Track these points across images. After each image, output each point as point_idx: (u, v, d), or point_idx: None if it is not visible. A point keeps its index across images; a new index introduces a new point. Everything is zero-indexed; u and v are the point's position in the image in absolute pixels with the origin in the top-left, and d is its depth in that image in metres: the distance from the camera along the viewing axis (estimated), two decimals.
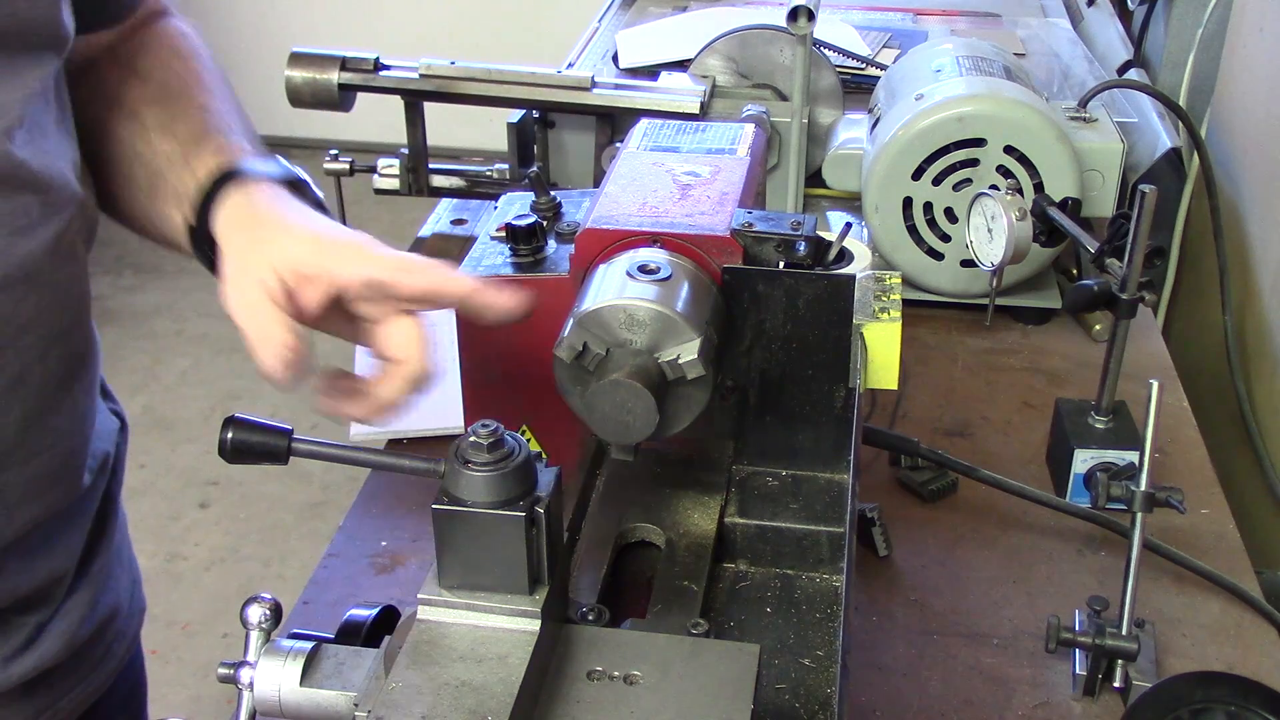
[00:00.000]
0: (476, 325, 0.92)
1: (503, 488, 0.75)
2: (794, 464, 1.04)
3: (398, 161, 1.77)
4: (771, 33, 1.86)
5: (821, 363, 1.00)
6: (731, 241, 0.99)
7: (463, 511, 0.76)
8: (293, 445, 0.81)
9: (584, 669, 0.79)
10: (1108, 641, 1.10)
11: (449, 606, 0.78)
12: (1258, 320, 1.82)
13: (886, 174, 1.60)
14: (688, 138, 1.19)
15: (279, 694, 0.80)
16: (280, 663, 0.81)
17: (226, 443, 0.81)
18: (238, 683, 0.81)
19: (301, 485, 3.15)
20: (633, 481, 1.05)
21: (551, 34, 3.61)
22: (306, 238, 0.91)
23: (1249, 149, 1.96)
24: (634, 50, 2.13)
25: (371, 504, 1.36)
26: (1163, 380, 1.11)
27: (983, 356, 1.64)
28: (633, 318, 0.90)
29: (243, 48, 4.84)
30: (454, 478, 0.76)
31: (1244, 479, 1.76)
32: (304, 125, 4.60)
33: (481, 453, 0.76)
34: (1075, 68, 2.12)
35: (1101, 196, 1.63)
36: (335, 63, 1.68)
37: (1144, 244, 1.24)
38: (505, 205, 1.22)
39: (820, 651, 0.90)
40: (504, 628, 0.77)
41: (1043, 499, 1.32)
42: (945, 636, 1.19)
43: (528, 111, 1.77)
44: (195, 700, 2.56)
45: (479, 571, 0.77)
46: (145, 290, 4.02)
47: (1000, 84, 1.60)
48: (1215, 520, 1.35)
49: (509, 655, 0.75)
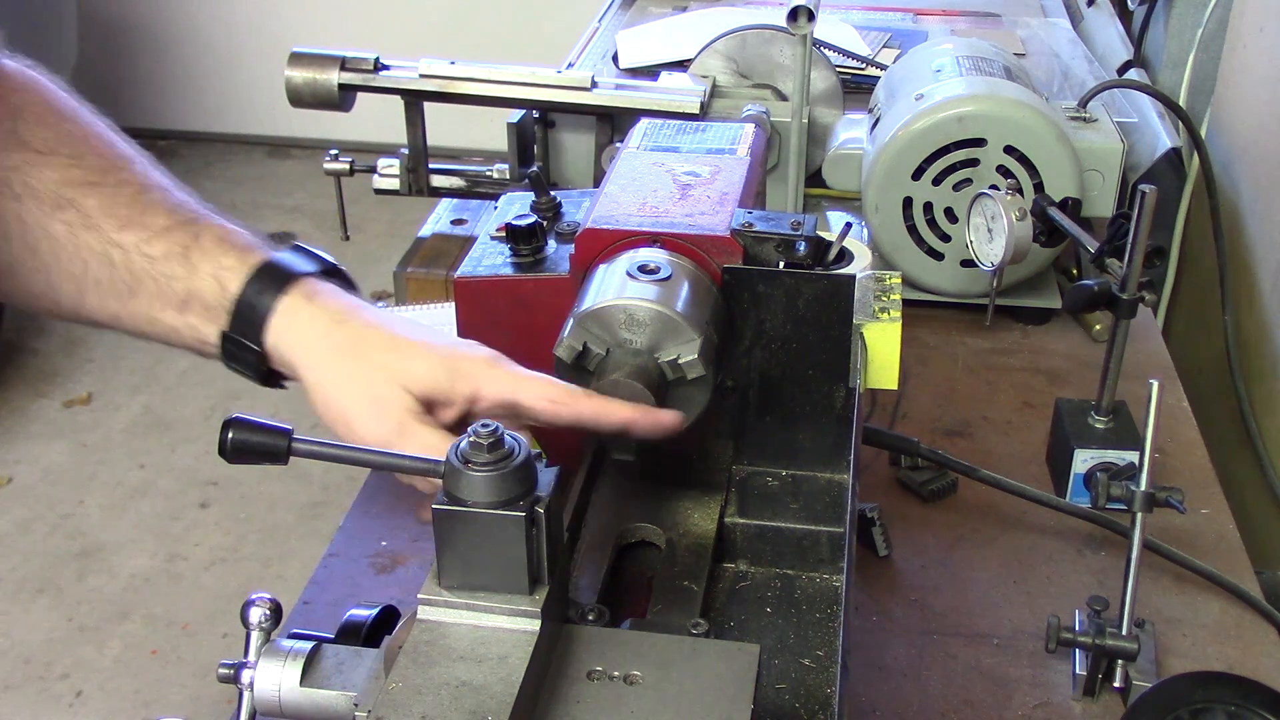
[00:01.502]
0: (476, 325, 0.92)
1: (503, 488, 0.75)
2: (794, 464, 1.04)
3: (398, 161, 1.77)
4: (771, 33, 1.86)
5: (821, 363, 1.00)
6: (731, 241, 0.99)
7: (463, 511, 0.76)
8: (293, 445, 0.81)
9: (584, 669, 0.79)
10: (1108, 641, 1.10)
11: (449, 606, 0.78)
12: (1258, 320, 1.82)
13: (886, 174, 1.60)
14: (688, 138, 1.19)
15: (279, 694, 0.80)
16: (280, 663, 0.81)
17: (226, 443, 0.81)
18: (238, 683, 0.81)
19: (301, 485, 3.15)
20: (633, 481, 1.05)
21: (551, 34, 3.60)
22: (434, 358, 0.89)
23: (1249, 149, 1.96)
24: (634, 50, 2.13)
25: (371, 504, 1.36)
26: (1163, 380, 1.11)
27: (983, 356, 1.64)
28: (633, 318, 0.90)
29: (243, 48, 4.84)
30: (454, 478, 0.76)
31: (1244, 479, 1.76)
32: (304, 125, 4.61)
33: (481, 453, 0.75)
34: (1075, 68, 2.12)
35: (1101, 196, 1.63)
36: (335, 63, 1.68)
37: (1144, 244, 1.24)
38: (505, 205, 1.22)
39: (820, 651, 0.90)
40: (504, 628, 0.77)
41: (1043, 499, 1.32)
42: (945, 636, 1.19)
43: (528, 111, 1.77)
44: (195, 700, 2.56)
45: (479, 571, 0.77)
46: None
47: (1000, 84, 1.60)
48: (1215, 520, 1.35)
49: (509, 655, 0.75)
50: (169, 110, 5.01)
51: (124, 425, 3.42)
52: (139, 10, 4.88)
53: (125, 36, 4.91)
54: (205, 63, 4.93)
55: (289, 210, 4.47)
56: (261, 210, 4.49)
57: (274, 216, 4.45)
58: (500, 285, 1.08)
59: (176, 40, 4.92)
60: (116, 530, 3.05)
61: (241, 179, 4.74)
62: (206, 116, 4.99)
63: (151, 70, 4.98)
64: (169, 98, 5.00)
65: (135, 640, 2.74)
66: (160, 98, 5.00)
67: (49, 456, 3.30)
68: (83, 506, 3.13)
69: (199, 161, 4.87)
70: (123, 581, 2.90)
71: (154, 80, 4.99)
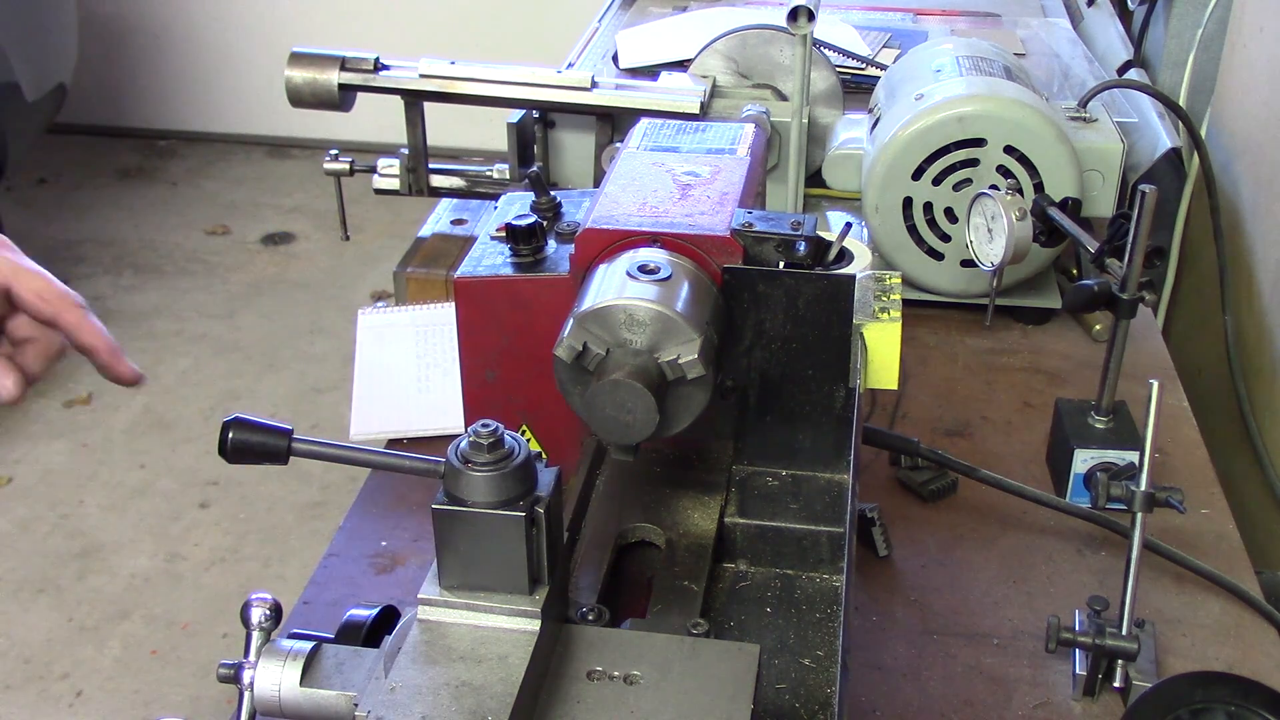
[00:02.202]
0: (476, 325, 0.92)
1: (503, 488, 0.75)
2: (794, 464, 1.04)
3: (398, 161, 1.77)
4: (771, 33, 1.86)
5: (821, 363, 1.00)
6: (731, 241, 0.99)
7: (463, 512, 0.76)
8: (293, 445, 0.81)
9: (584, 669, 0.79)
10: (1108, 641, 1.10)
11: (449, 606, 0.78)
12: (1258, 320, 1.82)
13: (887, 174, 1.60)
14: (688, 138, 1.19)
15: (279, 694, 0.80)
16: (280, 663, 0.81)
17: (227, 443, 0.81)
18: (238, 683, 0.81)
19: (301, 485, 3.15)
20: (633, 481, 1.05)
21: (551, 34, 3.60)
22: None
23: (1249, 149, 1.96)
24: (634, 50, 2.13)
25: (371, 504, 1.36)
26: (1163, 380, 1.11)
27: (983, 356, 1.64)
28: (633, 318, 0.90)
29: (243, 48, 4.84)
30: (454, 478, 0.76)
31: (1244, 479, 1.76)
32: (304, 125, 4.61)
33: (481, 453, 0.76)
34: (1075, 68, 2.12)
35: (1101, 196, 1.63)
36: (335, 63, 1.68)
37: (1144, 244, 1.24)
38: (505, 205, 1.22)
39: (820, 652, 0.90)
40: (504, 628, 0.77)
41: (1043, 499, 1.32)
42: (945, 636, 1.19)
43: (528, 111, 1.77)
44: (195, 700, 2.56)
45: (479, 571, 0.77)
46: (145, 290, 4.02)
47: (1000, 84, 1.60)
48: (1215, 520, 1.35)
49: (509, 655, 0.76)
50: (169, 110, 5.01)
51: (124, 425, 3.42)
52: (139, 10, 4.88)
53: (126, 37, 4.91)
54: (206, 63, 4.94)
55: (289, 210, 4.47)
56: (262, 210, 4.49)
57: (274, 216, 4.45)
58: (500, 285, 1.08)
59: (177, 40, 4.92)
60: (116, 530, 3.05)
61: (242, 179, 4.74)
62: (207, 116, 4.99)
63: (152, 70, 4.98)
64: (169, 98, 5.01)
65: (135, 640, 2.74)
66: (161, 98, 5.00)
67: (49, 456, 3.30)
68: (83, 506, 3.13)
69: (199, 161, 4.87)
70: (123, 581, 2.90)
71: (154, 80, 4.99)
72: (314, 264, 4.19)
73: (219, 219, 4.44)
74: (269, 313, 3.92)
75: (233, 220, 4.44)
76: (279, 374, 3.58)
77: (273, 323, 3.87)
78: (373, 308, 1.55)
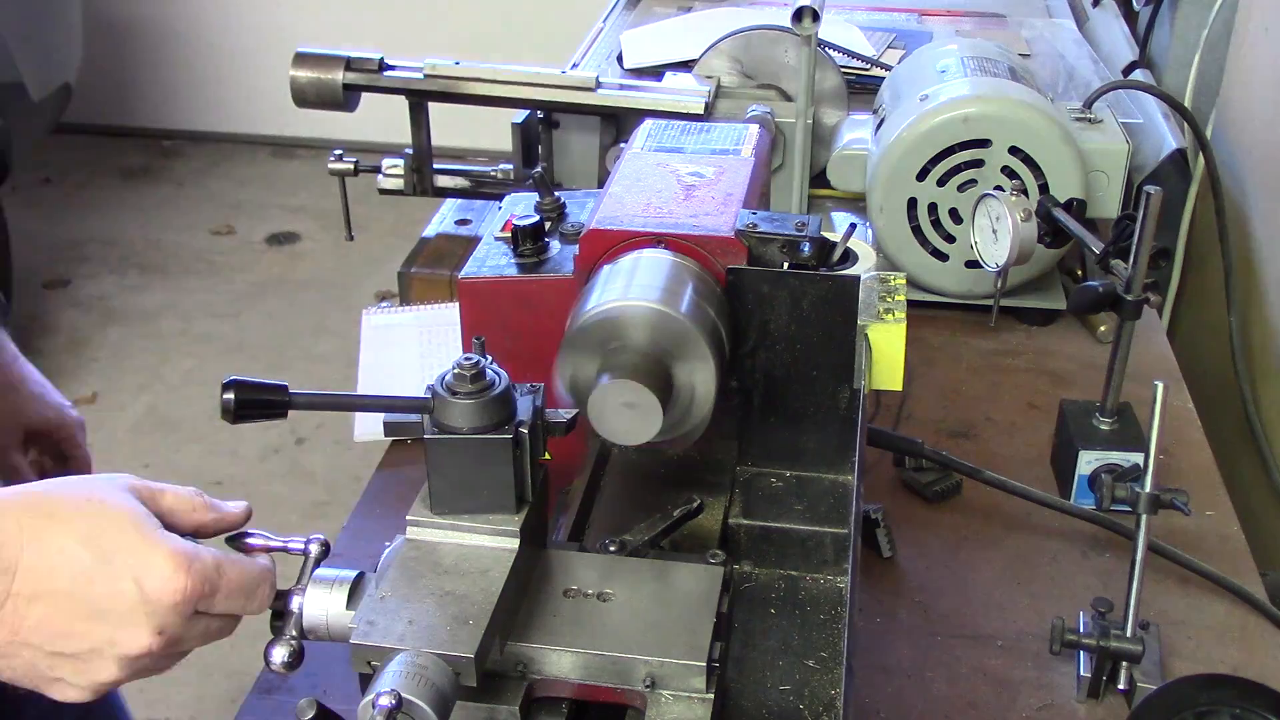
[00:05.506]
0: (480, 326, 0.92)
1: (487, 414, 0.82)
2: (798, 465, 1.04)
3: (402, 161, 1.77)
4: (776, 33, 1.86)
5: (826, 364, 1.00)
6: (736, 242, 0.99)
7: (453, 438, 0.82)
8: (292, 398, 0.83)
9: (561, 588, 0.86)
10: (1112, 643, 1.10)
11: (435, 527, 0.85)
12: (1263, 321, 1.82)
13: (891, 175, 1.60)
14: (692, 138, 1.18)
15: (326, 618, 0.85)
16: (328, 590, 0.86)
17: (230, 404, 0.82)
18: (287, 608, 0.85)
19: (305, 485, 3.15)
20: (636, 482, 1.05)
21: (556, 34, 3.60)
22: None
23: (1254, 149, 1.95)
24: (638, 51, 2.13)
25: (375, 505, 1.36)
26: (1168, 382, 1.10)
27: (987, 357, 1.63)
28: (636, 318, 0.90)
29: (247, 48, 4.84)
30: (443, 408, 0.83)
31: (1249, 481, 1.76)
32: (309, 125, 4.61)
33: (465, 383, 0.82)
34: (1080, 68, 2.12)
35: (1106, 197, 1.63)
36: (340, 63, 1.68)
37: (1149, 245, 1.24)
38: (509, 205, 1.22)
39: (825, 653, 0.90)
40: (486, 545, 0.84)
41: (1047, 500, 1.32)
42: (949, 638, 1.19)
43: (532, 112, 1.77)
44: (196, 700, 2.56)
45: (468, 494, 0.84)
46: (150, 290, 4.02)
47: (1005, 85, 1.60)
48: (1220, 522, 1.34)
49: (490, 569, 0.82)
50: (174, 110, 5.02)
51: (129, 425, 3.42)
52: (145, 10, 4.89)
53: (131, 37, 4.92)
54: (210, 63, 4.94)
55: (294, 210, 4.47)
56: (266, 210, 4.49)
57: (279, 216, 4.45)
58: (504, 286, 1.08)
59: (182, 40, 4.93)
60: None
61: (246, 179, 4.74)
62: (212, 116, 5.00)
63: (157, 70, 4.99)
64: (174, 98, 5.01)
65: None
66: (166, 98, 5.01)
67: None
68: None
69: (204, 161, 4.87)
70: None
71: (159, 80, 5.00)
72: (319, 264, 4.19)
73: (224, 219, 4.45)
74: (274, 313, 3.93)
75: (238, 220, 4.45)
76: (284, 374, 3.57)
77: (277, 323, 3.88)
78: (377, 308, 1.55)
